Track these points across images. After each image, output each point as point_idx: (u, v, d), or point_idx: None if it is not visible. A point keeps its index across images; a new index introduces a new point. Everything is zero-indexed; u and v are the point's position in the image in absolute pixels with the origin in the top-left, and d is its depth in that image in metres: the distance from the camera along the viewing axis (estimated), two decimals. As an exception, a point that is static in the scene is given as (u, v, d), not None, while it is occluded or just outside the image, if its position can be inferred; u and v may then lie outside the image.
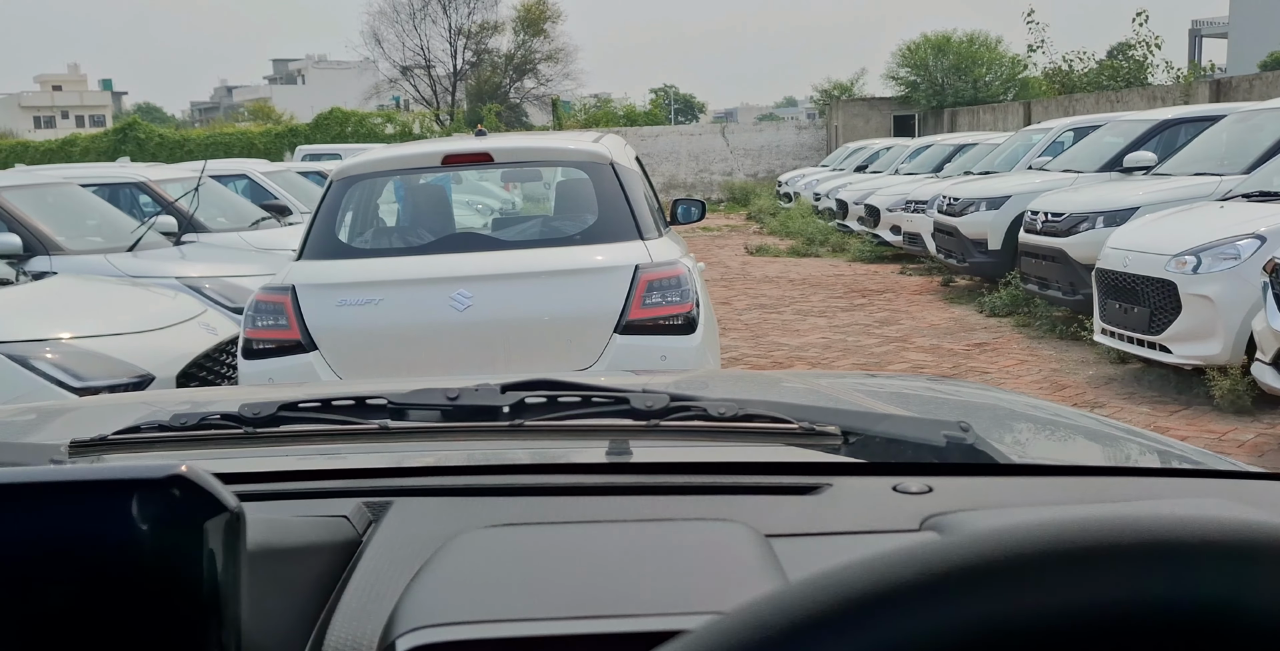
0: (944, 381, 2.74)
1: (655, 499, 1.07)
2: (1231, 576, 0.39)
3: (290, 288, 4.05)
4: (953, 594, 0.39)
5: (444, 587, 0.82)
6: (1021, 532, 0.40)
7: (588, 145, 4.58)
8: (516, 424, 1.22)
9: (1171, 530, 0.40)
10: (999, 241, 9.84)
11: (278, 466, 1.25)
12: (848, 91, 34.61)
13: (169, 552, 0.68)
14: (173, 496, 0.68)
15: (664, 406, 1.21)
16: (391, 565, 0.91)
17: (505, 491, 1.11)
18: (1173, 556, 0.39)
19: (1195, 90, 15.43)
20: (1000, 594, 0.39)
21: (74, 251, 6.38)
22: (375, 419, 1.24)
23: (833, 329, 8.96)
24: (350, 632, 0.82)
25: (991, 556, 0.40)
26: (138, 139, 30.92)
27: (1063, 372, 6.93)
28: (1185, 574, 0.39)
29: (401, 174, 4.94)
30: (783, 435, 1.20)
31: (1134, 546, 0.40)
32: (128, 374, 4.23)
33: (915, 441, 1.18)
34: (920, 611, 0.38)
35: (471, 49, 47.37)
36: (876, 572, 0.40)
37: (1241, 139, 8.08)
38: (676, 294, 3.98)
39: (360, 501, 1.04)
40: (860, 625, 0.38)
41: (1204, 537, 0.40)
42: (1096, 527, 0.40)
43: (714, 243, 17.50)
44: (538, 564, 0.88)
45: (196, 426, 1.23)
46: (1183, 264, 5.80)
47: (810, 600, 0.39)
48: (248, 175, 11.66)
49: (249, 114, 58.23)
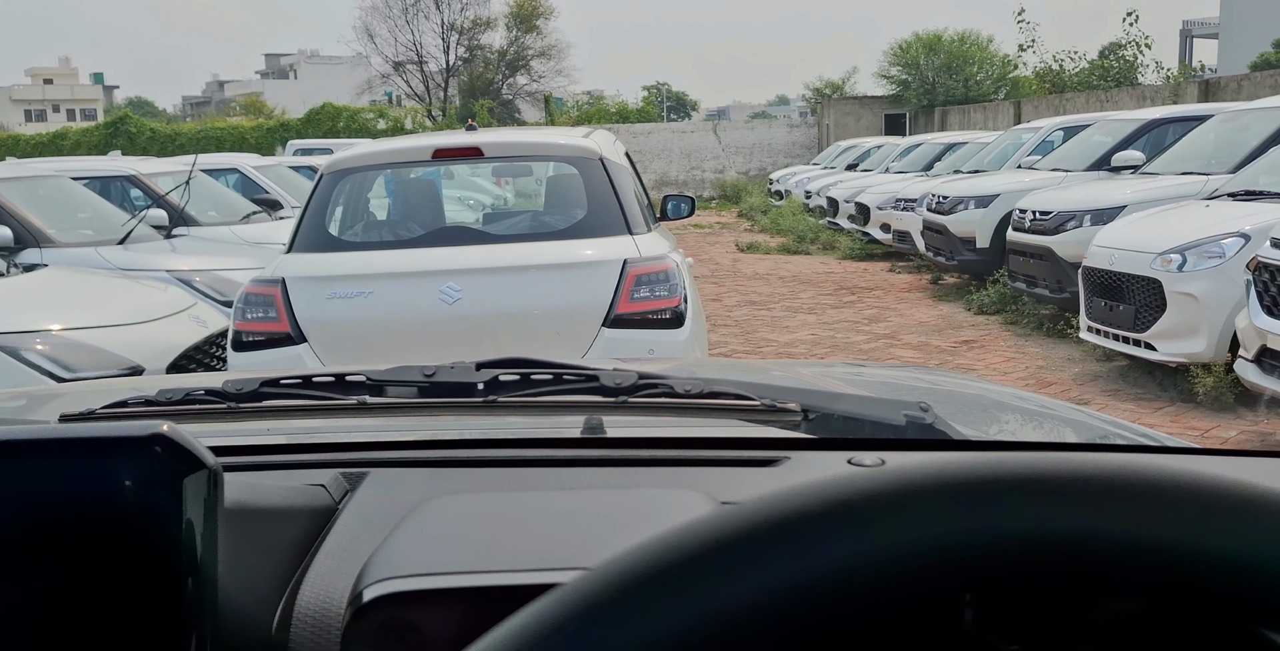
0: (933, 371, 2.75)
1: (621, 471, 1.12)
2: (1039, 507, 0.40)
3: (280, 280, 4.07)
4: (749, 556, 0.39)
5: (412, 546, 0.86)
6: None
7: (577, 140, 4.61)
8: (490, 400, 1.26)
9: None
10: (987, 239, 9.88)
11: (259, 439, 1.30)
12: (839, 90, 34.68)
13: (150, 507, 0.71)
14: (154, 453, 0.71)
15: (632, 384, 1.25)
16: (365, 529, 0.95)
17: (479, 463, 1.15)
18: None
19: (1184, 90, 15.50)
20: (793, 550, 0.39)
21: (64, 244, 6.38)
22: (354, 395, 1.28)
23: (822, 326, 9.00)
24: (323, 589, 0.86)
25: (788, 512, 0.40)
26: (129, 133, 30.84)
27: (1049, 370, 6.97)
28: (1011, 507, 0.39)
29: (392, 167, 4.96)
30: (745, 411, 1.24)
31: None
32: (117, 365, 4.25)
33: (874, 420, 1.22)
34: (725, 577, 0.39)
35: (464, 45, 47.32)
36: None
37: (1228, 139, 8.13)
38: (665, 288, 4.01)
39: (337, 472, 1.08)
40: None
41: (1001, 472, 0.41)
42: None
43: (705, 240, 17.54)
44: (501, 526, 0.92)
45: (181, 401, 1.27)
46: (1168, 262, 5.85)
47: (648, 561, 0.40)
48: (239, 169, 11.65)
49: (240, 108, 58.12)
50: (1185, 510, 0.39)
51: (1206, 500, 0.40)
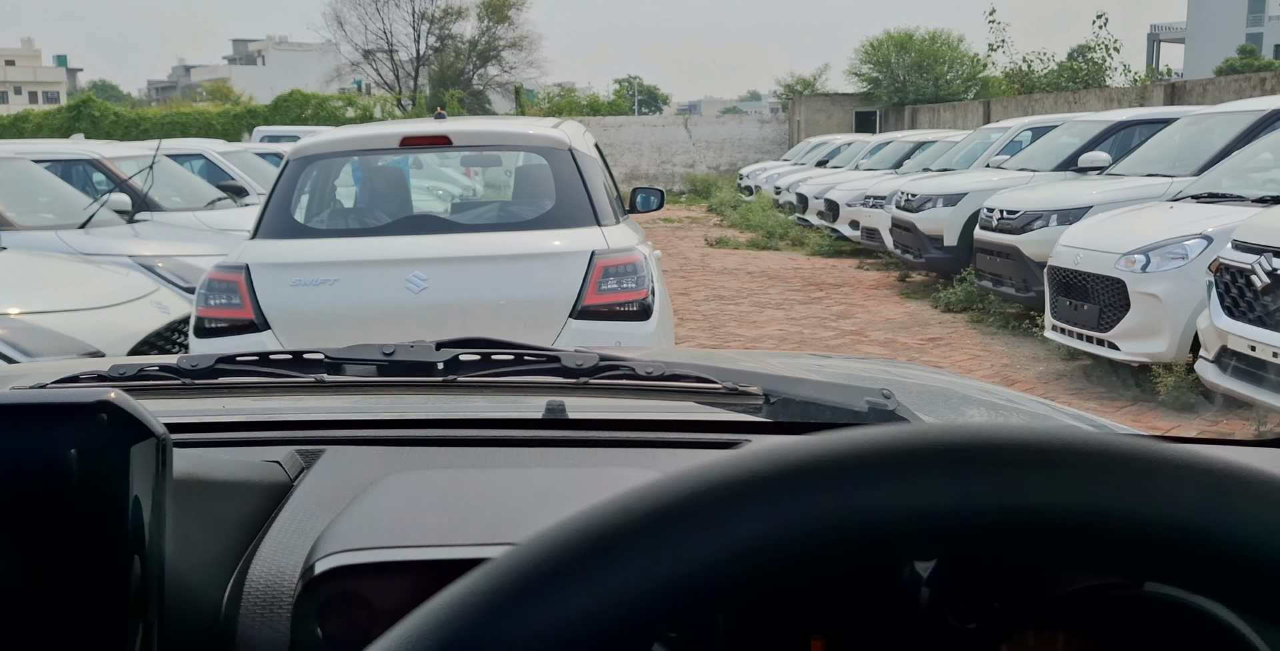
0: (900, 364, 2.76)
1: (581, 452, 1.12)
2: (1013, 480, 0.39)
3: (244, 266, 4.02)
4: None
5: (365, 521, 0.86)
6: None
7: (547, 131, 4.58)
8: (450, 380, 1.25)
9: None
10: (955, 238, 9.94)
11: (213, 417, 1.28)
12: (810, 87, 34.82)
13: (95, 476, 0.69)
14: (100, 421, 0.69)
15: (593, 365, 1.24)
16: (319, 506, 0.94)
17: (437, 443, 1.14)
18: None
19: (1151, 93, 15.66)
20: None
21: (24, 227, 6.28)
22: (312, 373, 1.26)
23: (789, 321, 9.02)
24: (274, 564, 0.85)
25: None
26: (92, 116, 30.40)
27: (1014, 368, 7.02)
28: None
29: (359, 154, 4.91)
30: (706, 394, 1.23)
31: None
32: (77, 350, 4.17)
33: (835, 405, 1.21)
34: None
35: (435, 34, 47.07)
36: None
37: (1193, 141, 8.23)
38: (632, 280, 3.99)
39: (293, 449, 1.07)
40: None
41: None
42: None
43: (674, 234, 17.53)
44: (456, 502, 0.92)
45: (135, 377, 1.25)
46: (1132, 262, 5.90)
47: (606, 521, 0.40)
48: (204, 155, 11.52)
49: (207, 94, 57.52)
50: (1131, 480, 0.40)
51: (1161, 470, 0.40)
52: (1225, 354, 4.82)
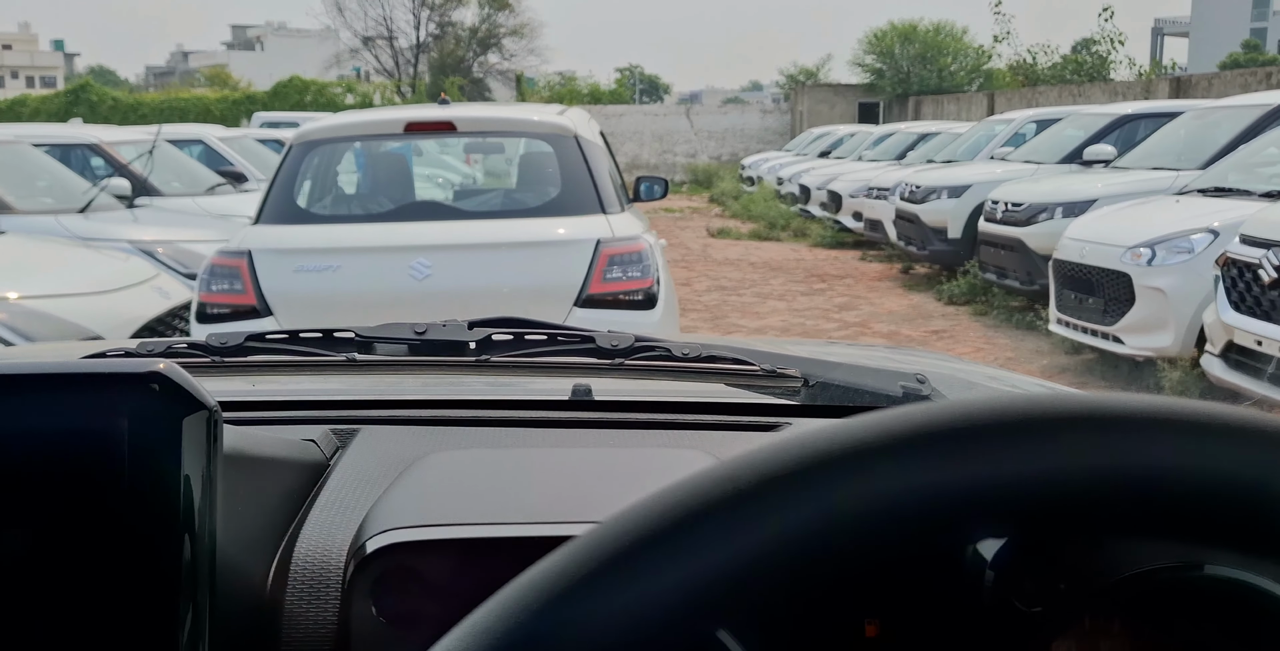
0: (904, 350, 2.77)
1: (616, 432, 1.11)
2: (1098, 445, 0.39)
3: (246, 252, 3.99)
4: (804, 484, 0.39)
5: (412, 498, 0.86)
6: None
7: (552, 117, 4.54)
8: (483, 359, 1.24)
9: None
10: (959, 230, 9.91)
11: (244, 396, 1.25)
12: (813, 77, 34.72)
13: (149, 446, 0.68)
14: (152, 391, 0.68)
15: (628, 346, 1.23)
16: (359, 484, 0.94)
17: (471, 423, 1.13)
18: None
19: (1156, 86, 15.61)
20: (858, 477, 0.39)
21: (24, 211, 6.24)
22: (342, 351, 1.25)
23: (792, 312, 8.99)
24: (320, 541, 0.85)
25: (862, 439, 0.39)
26: (90, 101, 30.33)
27: (1017, 361, 7.00)
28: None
29: (362, 140, 4.87)
30: (745, 375, 1.22)
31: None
32: (77, 335, 4.14)
33: (873, 390, 1.21)
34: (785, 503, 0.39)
35: (435, 21, 46.91)
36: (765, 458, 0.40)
37: (1199, 135, 8.19)
38: (637, 269, 3.96)
39: (327, 428, 1.06)
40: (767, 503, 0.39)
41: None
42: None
43: (676, 224, 17.49)
44: (501, 480, 0.92)
45: (163, 354, 1.22)
46: (1138, 256, 5.87)
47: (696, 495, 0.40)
48: (203, 140, 11.46)
49: (205, 80, 57.37)
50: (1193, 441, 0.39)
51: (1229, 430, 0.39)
52: (1231, 349, 4.79)
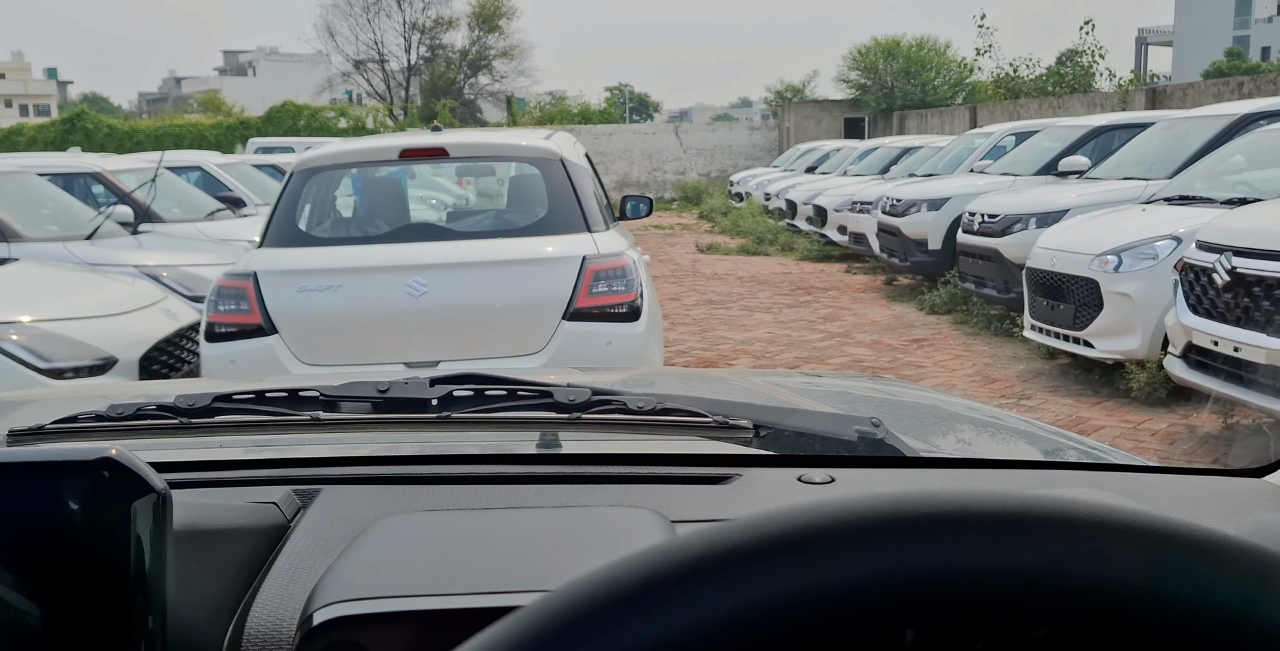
0: (889, 382, 2.81)
1: (575, 488, 1.13)
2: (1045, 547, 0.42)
3: (252, 274, 4.22)
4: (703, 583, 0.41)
5: (363, 567, 0.87)
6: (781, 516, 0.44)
7: (539, 142, 4.79)
8: (444, 416, 1.26)
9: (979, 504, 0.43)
10: (939, 241, 10.15)
11: (211, 456, 1.29)
12: (799, 93, 35.08)
13: (98, 532, 0.72)
14: (102, 478, 0.72)
15: (586, 400, 1.26)
16: (317, 548, 0.96)
17: (433, 480, 1.16)
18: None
19: (1133, 98, 15.91)
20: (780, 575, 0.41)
21: (32, 239, 6.47)
22: (307, 410, 1.27)
23: (778, 324, 9.22)
24: (273, 610, 0.87)
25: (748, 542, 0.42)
26: (86, 129, 30.56)
27: (994, 367, 7.23)
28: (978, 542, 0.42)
29: (360, 167, 5.12)
30: (698, 428, 1.25)
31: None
32: (92, 356, 4.36)
33: (825, 435, 1.25)
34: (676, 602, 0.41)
35: (426, 44, 47.33)
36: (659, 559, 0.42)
37: (1168, 145, 8.43)
38: (622, 283, 4.20)
39: (290, 489, 1.08)
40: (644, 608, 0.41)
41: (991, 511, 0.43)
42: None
43: (665, 241, 17.74)
44: (455, 545, 0.92)
45: (132, 416, 1.26)
46: (1105, 263, 6.11)
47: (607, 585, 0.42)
48: (202, 167, 11.71)
49: (198, 105, 57.59)
50: (1123, 547, 0.42)
51: (1126, 532, 0.42)
52: (1191, 349, 5.02)
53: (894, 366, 7.35)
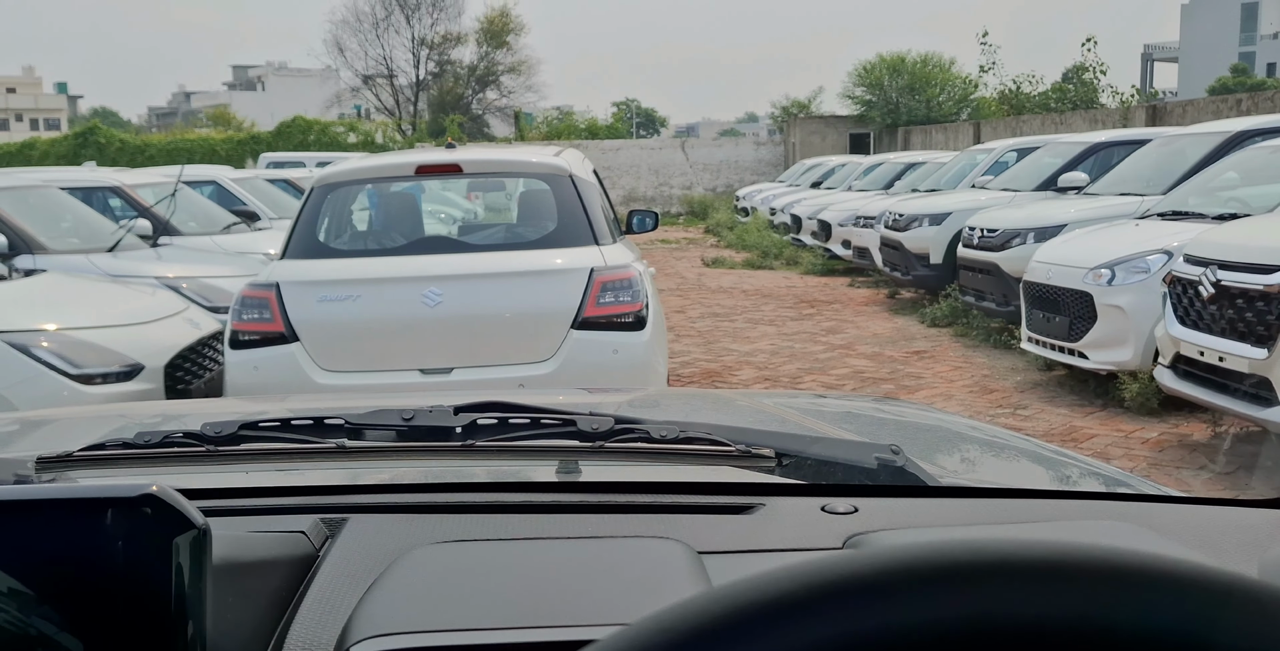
0: (890, 402, 2.89)
1: (600, 517, 1.13)
2: (1104, 598, 0.42)
3: (274, 284, 4.41)
4: (835, 606, 0.42)
5: (395, 599, 0.87)
6: (896, 552, 0.44)
7: (549, 158, 4.99)
8: (469, 444, 1.27)
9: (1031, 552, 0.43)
10: (940, 255, 10.32)
11: (238, 483, 1.32)
12: (805, 109, 35.33)
13: (140, 567, 0.73)
14: (144, 514, 0.73)
15: (609, 429, 1.27)
16: (347, 579, 0.96)
17: (457, 508, 1.17)
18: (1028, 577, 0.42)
19: (1134, 114, 16.10)
20: (872, 607, 0.41)
21: (56, 251, 6.67)
22: (333, 438, 1.29)
23: (781, 336, 9.39)
24: (306, 642, 0.87)
25: (866, 573, 0.43)
26: (98, 143, 30.94)
27: (992, 378, 7.39)
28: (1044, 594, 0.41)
29: (376, 182, 5.32)
30: (721, 457, 1.26)
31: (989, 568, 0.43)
32: (119, 362, 4.56)
33: (847, 463, 1.25)
34: (802, 622, 0.41)
35: (434, 59, 47.77)
36: (764, 586, 0.43)
37: (1165, 162, 8.59)
38: (628, 294, 4.38)
39: (317, 518, 1.09)
40: (748, 634, 0.41)
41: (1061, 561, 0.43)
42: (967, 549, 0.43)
43: (671, 255, 17.94)
44: (484, 577, 0.93)
45: (160, 444, 1.27)
46: (1099, 276, 6.28)
47: (698, 613, 0.42)
48: (217, 181, 11.94)
49: (208, 120, 58.06)
50: (1136, 592, 0.42)
51: (1134, 579, 0.43)
52: (1179, 360, 5.18)
53: (894, 377, 7.51)
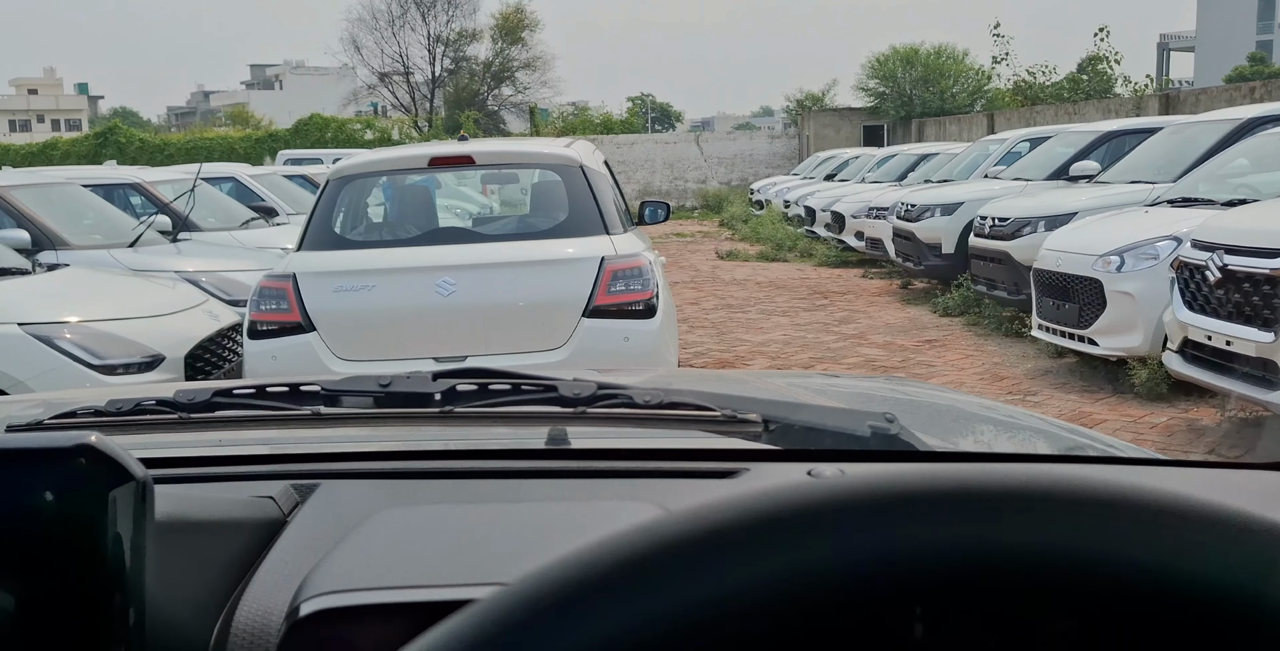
0: (906, 382, 2.84)
1: (579, 483, 1.10)
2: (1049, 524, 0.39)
3: (291, 275, 4.51)
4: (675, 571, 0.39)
5: (355, 560, 0.85)
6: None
7: (560, 150, 5.06)
8: (447, 410, 1.24)
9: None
10: (952, 245, 10.35)
11: (209, 451, 1.28)
12: (819, 102, 35.31)
13: (75, 521, 0.69)
14: (79, 465, 0.69)
15: (591, 394, 1.23)
16: (312, 542, 0.93)
17: (434, 475, 1.14)
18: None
19: (1147, 103, 16.06)
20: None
21: (79, 246, 6.80)
22: (308, 405, 1.25)
23: (794, 327, 9.45)
24: (262, 604, 0.84)
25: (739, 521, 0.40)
26: (118, 143, 31.20)
27: (1004, 366, 7.43)
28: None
29: (391, 174, 5.41)
30: (705, 422, 1.22)
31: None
32: (141, 353, 4.66)
33: (836, 430, 1.20)
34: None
35: (450, 56, 47.90)
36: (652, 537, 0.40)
37: (1176, 149, 8.60)
38: (638, 282, 4.46)
39: (288, 484, 1.06)
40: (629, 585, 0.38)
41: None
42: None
43: (686, 248, 17.99)
44: (450, 540, 0.91)
45: (131, 411, 1.24)
46: (1108, 263, 6.32)
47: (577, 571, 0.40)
48: (236, 178, 12.07)
49: (227, 119, 58.42)
50: (1135, 525, 0.39)
51: (1147, 513, 0.39)
52: (1187, 344, 5.22)
53: (905, 366, 7.56)
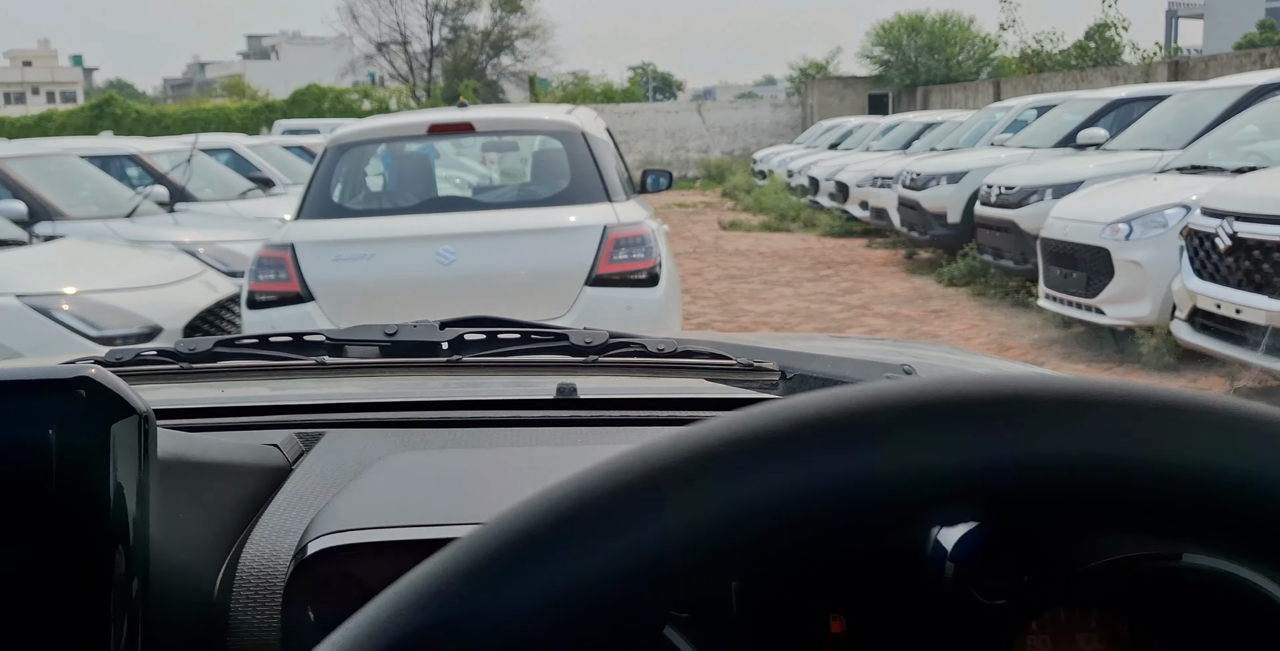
0: (911, 343, 2.74)
1: (589, 431, 1.09)
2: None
3: (290, 244, 4.44)
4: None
5: (363, 501, 0.85)
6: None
7: (561, 116, 4.98)
8: (455, 360, 1.21)
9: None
10: (958, 214, 10.26)
11: (212, 401, 1.26)
12: (823, 70, 35.06)
13: (75, 454, 0.67)
14: (79, 397, 0.68)
15: (603, 343, 1.20)
16: (317, 488, 0.94)
17: (441, 424, 1.13)
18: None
19: (1155, 70, 15.90)
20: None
21: (75, 217, 6.73)
22: (313, 355, 1.22)
23: (798, 297, 9.39)
24: (269, 546, 0.84)
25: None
26: (114, 114, 31.00)
27: (1010, 336, 7.38)
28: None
29: (390, 142, 5.33)
30: (721, 370, 1.19)
31: None
32: (139, 324, 4.60)
33: (854, 381, 1.14)
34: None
35: (448, 25, 47.45)
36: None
37: (1184, 117, 8.51)
38: (641, 251, 4.39)
39: (293, 432, 1.06)
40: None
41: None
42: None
43: (689, 218, 17.89)
44: (457, 482, 0.91)
45: (132, 362, 1.21)
46: (1116, 231, 6.24)
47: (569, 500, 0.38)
48: (233, 148, 11.96)
49: (223, 90, 58.07)
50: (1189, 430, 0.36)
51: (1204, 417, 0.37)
52: (1196, 313, 5.16)
53: (910, 336, 7.51)
